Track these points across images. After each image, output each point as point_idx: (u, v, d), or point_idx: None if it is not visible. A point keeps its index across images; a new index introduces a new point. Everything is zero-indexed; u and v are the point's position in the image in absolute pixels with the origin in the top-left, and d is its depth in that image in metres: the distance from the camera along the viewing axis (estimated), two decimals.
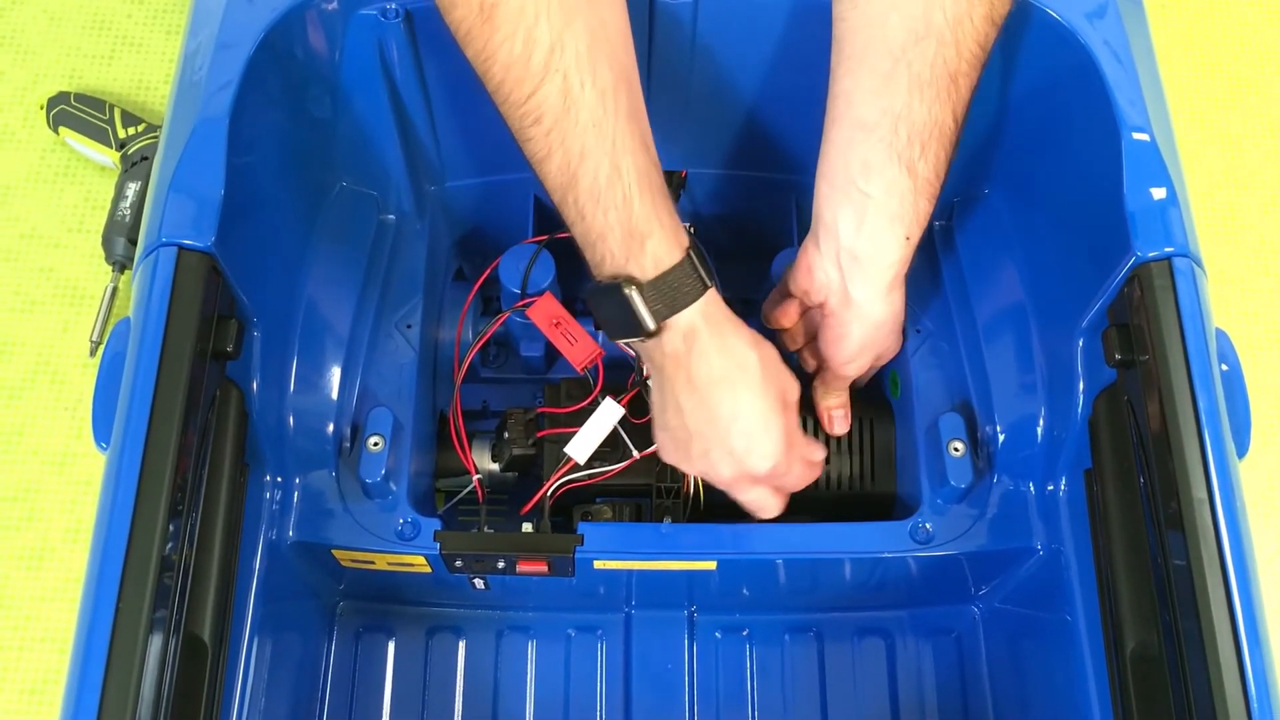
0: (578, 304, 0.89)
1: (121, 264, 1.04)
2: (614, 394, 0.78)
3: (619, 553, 0.74)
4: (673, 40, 0.76)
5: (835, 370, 0.75)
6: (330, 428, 0.74)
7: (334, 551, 0.74)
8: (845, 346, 0.73)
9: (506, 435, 0.80)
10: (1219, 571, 0.58)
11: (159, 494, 0.58)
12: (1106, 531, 0.68)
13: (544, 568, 0.74)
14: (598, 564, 0.74)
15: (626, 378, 0.80)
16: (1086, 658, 0.71)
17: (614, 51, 0.63)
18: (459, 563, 0.74)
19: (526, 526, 0.76)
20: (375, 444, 0.74)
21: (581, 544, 0.73)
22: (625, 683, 0.83)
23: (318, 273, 0.78)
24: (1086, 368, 0.71)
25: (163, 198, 0.64)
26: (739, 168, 0.88)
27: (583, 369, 0.80)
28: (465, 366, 0.83)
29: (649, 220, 0.63)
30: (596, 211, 0.63)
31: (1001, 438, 0.75)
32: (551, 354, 0.87)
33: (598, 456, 0.77)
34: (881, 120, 0.66)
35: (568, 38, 0.60)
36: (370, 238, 0.81)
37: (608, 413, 0.77)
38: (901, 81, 0.66)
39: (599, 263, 0.65)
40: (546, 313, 0.80)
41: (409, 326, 0.80)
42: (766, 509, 0.73)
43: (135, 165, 1.06)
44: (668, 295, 0.64)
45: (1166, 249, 0.64)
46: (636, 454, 0.77)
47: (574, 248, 0.83)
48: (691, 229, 0.69)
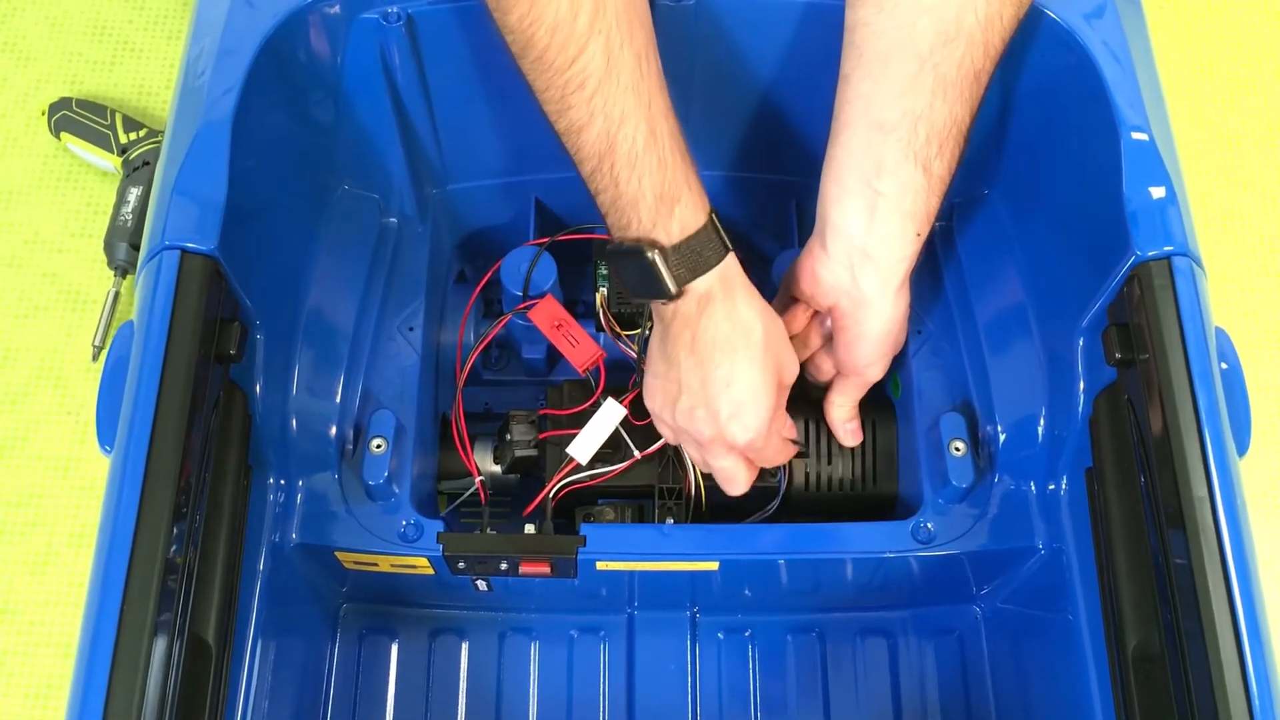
0: (579, 306, 0.89)
1: (124, 269, 1.04)
2: (615, 395, 0.78)
3: (621, 554, 0.74)
4: (672, 42, 0.76)
5: (859, 373, 0.75)
6: (333, 430, 0.74)
7: (337, 553, 0.74)
8: (863, 348, 0.72)
9: (509, 437, 0.80)
10: (1220, 570, 0.58)
11: (163, 497, 0.58)
12: (1107, 530, 0.68)
13: (547, 569, 0.75)
14: (600, 565, 0.74)
15: (628, 379, 0.80)
16: (1088, 657, 0.71)
17: (643, 13, 0.63)
18: (462, 564, 0.74)
19: (529, 528, 0.76)
20: (378, 446, 0.74)
21: (584, 545, 0.73)
22: (628, 683, 0.84)
23: (320, 276, 0.78)
24: (1087, 367, 0.71)
25: (166, 201, 0.65)
26: (738, 170, 0.88)
27: (584, 371, 0.80)
28: (467, 369, 0.83)
29: (679, 185, 0.64)
30: (631, 178, 0.63)
31: (1002, 437, 0.75)
32: (553, 356, 0.87)
33: (600, 458, 0.78)
34: (902, 121, 0.66)
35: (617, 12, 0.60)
36: (372, 241, 0.81)
37: (610, 413, 0.77)
38: (927, 82, 0.65)
39: (624, 226, 0.65)
40: (548, 315, 0.81)
41: (411, 329, 0.80)
42: (735, 481, 0.73)
43: (137, 170, 1.06)
44: (690, 260, 0.65)
45: (1166, 248, 0.64)
46: (638, 454, 0.78)
47: (575, 250, 0.84)
48: None
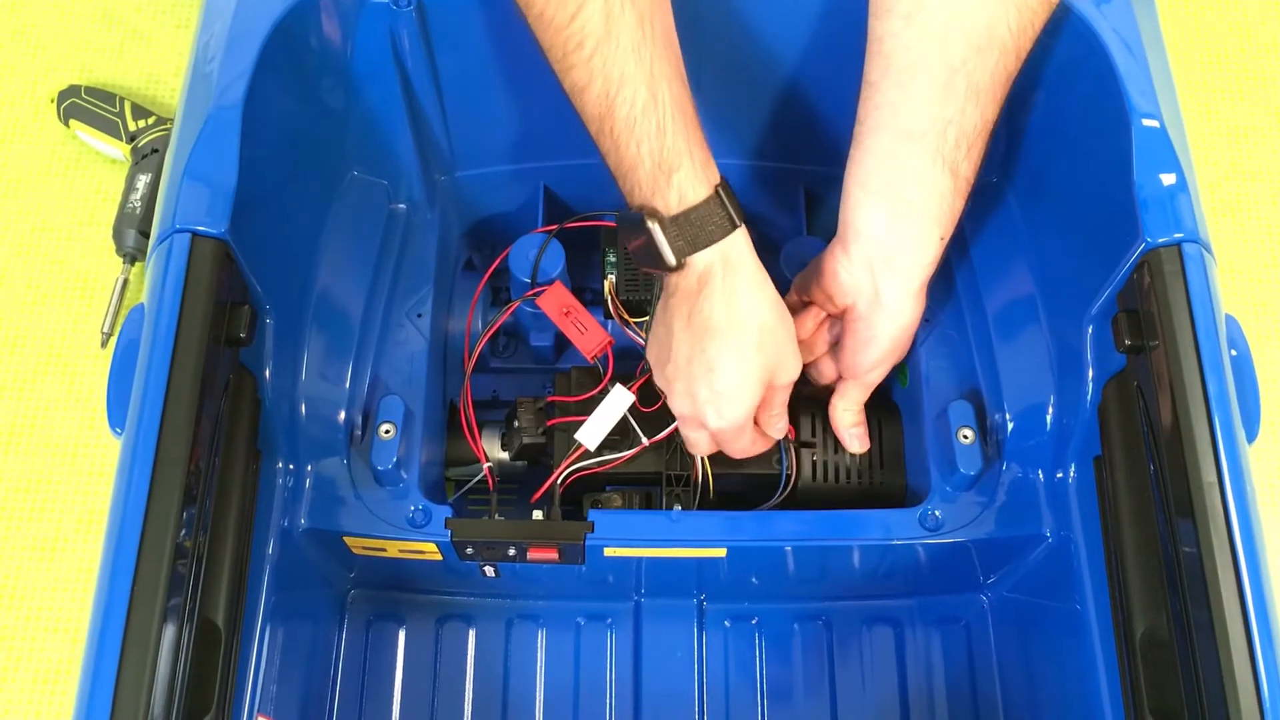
0: (587, 293, 0.89)
1: (132, 256, 1.04)
2: (624, 382, 0.78)
3: (629, 540, 0.74)
4: (681, 30, 0.76)
5: (860, 377, 0.74)
6: (342, 415, 0.74)
7: (345, 539, 0.75)
8: (872, 351, 0.72)
9: (517, 424, 0.80)
10: (1229, 557, 0.58)
11: (174, 479, 0.58)
12: (1116, 518, 0.68)
13: (554, 555, 0.75)
14: (608, 551, 0.74)
15: (636, 366, 0.80)
16: (1096, 645, 0.71)
17: None
18: (470, 550, 0.74)
19: (537, 514, 0.76)
20: (386, 432, 0.74)
21: (592, 531, 0.73)
22: (635, 670, 0.84)
23: (329, 261, 0.78)
24: (1096, 354, 0.71)
25: (177, 185, 0.65)
26: (747, 158, 0.88)
27: (593, 358, 0.80)
28: (475, 355, 0.83)
29: (679, 154, 0.63)
30: (630, 142, 0.63)
31: (1011, 425, 0.75)
32: (561, 343, 0.87)
33: (608, 444, 0.78)
34: (931, 128, 0.66)
35: None
36: (381, 227, 0.81)
37: (618, 399, 0.77)
38: (959, 89, 0.65)
39: (629, 193, 0.65)
40: (556, 302, 0.81)
41: (419, 315, 0.80)
42: (697, 448, 0.74)
43: (145, 158, 1.06)
44: (689, 232, 0.64)
45: (1176, 235, 0.64)
46: (646, 441, 0.78)
47: (584, 237, 0.84)
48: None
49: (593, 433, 0.77)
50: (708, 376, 0.67)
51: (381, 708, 0.82)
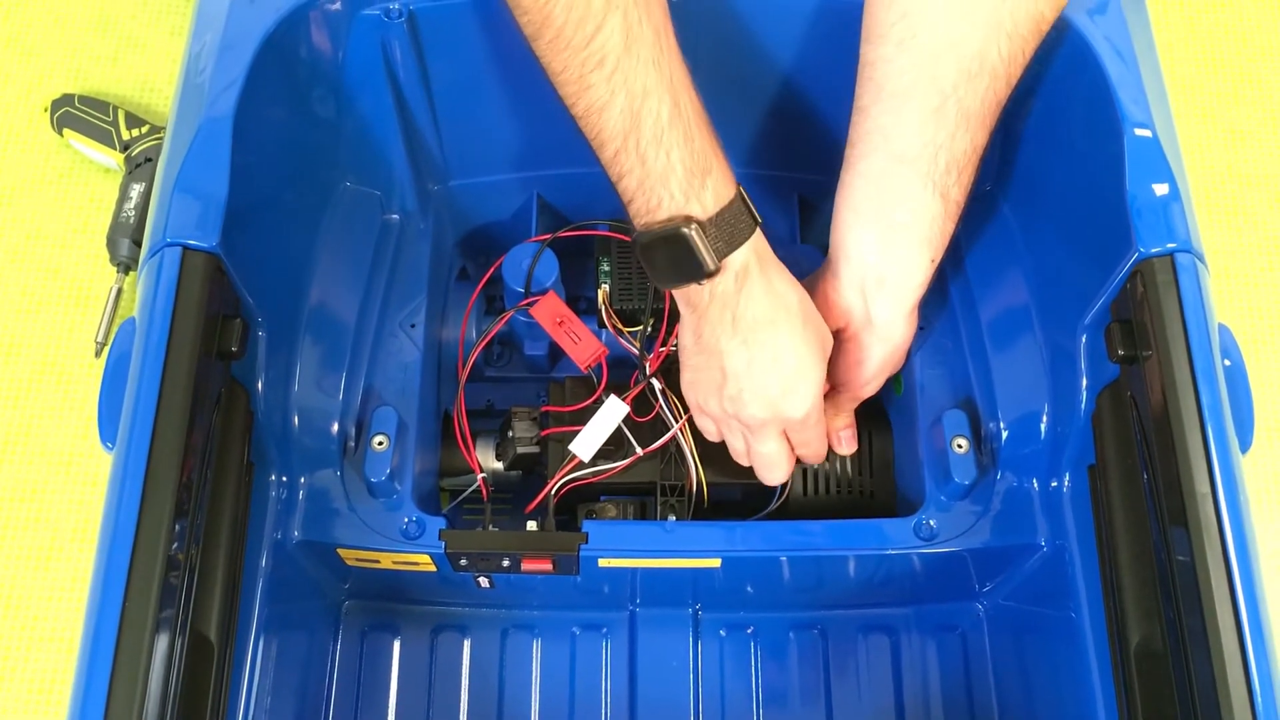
0: (581, 303, 0.89)
1: (126, 265, 1.04)
2: (618, 392, 0.78)
3: (624, 550, 0.74)
4: (679, 38, 0.76)
5: (854, 392, 0.75)
6: (335, 427, 0.74)
7: (339, 550, 0.74)
8: (865, 369, 0.73)
9: (511, 434, 0.80)
10: (1222, 566, 0.58)
11: (165, 493, 0.58)
12: (1110, 527, 0.68)
13: (549, 566, 0.75)
14: (602, 562, 0.74)
15: (630, 375, 0.80)
16: (1091, 654, 0.71)
17: None
18: (464, 561, 0.74)
19: (531, 525, 0.76)
20: (380, 443, 0.74)
21: (586, 542, 0.73)
22: (630, 681, 0.84)
23: (322, 273, 0.78)
24: (1089, 364, 0.71)
25: (167, 198, 0.65)
26: (741, 165, 0.88)
27: (587, 368, 0.80)
28: (469, 365, 0.83)
29: (708, 156, 0.63)
30: (659, 153, 0.62)
31: (1005, 434, 0.75)
32: (555, 353, 0.87)
33: (602, 454, 0.77)
34: (923, 152, 0.66)
35: None
36: (374, 237, 0.81)
37: (612, 410, 0.77)
38: (950, 114, 0.66)
39: (654, 208, 0.63)
40: (550, 311, 0.80)
41: (413, 326, 0.80)
42: (777, 468, 0.73)
43: (139, 167, 1.06)
44: (726, 232, 0.64)
45: (1169, 244, 0.64)
46: (640, 451, 0.78)
47: (577, 246, 0.84)
48: None
49: (587, 444, 0.77)
50: (775, 367, 0.67)
51: (377, 719, 0.82)
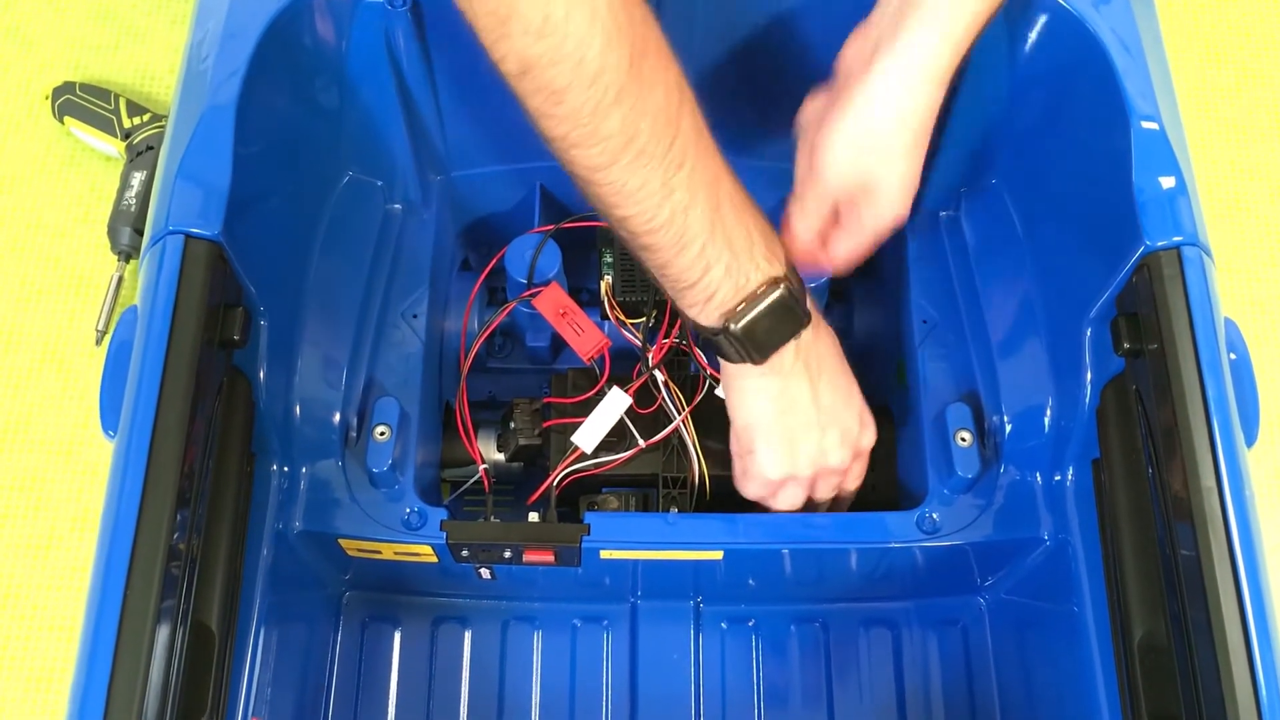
0: (584, 294, 0.89)
1: (127, 254, 1.04)
2: (620, 384, 0.78)
3: (625, 542, 0.73)
4: (677, 29, 0.76)
5: (816, 165, 0.67)
6: (337, 417, 0.74)
7: (340, 541, 0.74)
8: (835, 128, 0.66)
9: (513, 425, 0.80)
10: (1227, 561, 0.58)
11: (166, 483, 0.58)
12: (1114, 522, 0.68)
13: (550, 557, 0.74)
14: (604, 554, 0.74)
15: (632, 367, 0.80)
16: (1094, 648, 0.71)
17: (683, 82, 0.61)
18: (465, 552, 0.74)
19: (533, 516, 0.76)
20: (382, 434, 0.74)
21: (588, 534, 0.73)
22: (631, 673, 0.83)
23: (324, 262, 0.78)
24: (1094, 358, 0.71)
25: (170, 186, 0.65)
26: (743, 157, 0.87)
27: (589, 359, 0.80)
28: (471, 356, 0.83)
29: (761, 212, 0.64)
30: (741, 230, 0.62)
31: (1009, 428, 0.75)
32: (558, 344, 0.86)
33: (604, 446, 0.77)
34: None
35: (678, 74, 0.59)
36: (376, 227, 0.81)
37: (615, 402, 0.77)
38: None
39: (742, 286, 0.62)
40: (553, 303, 0.80)
41: (415, 316, 0.80)
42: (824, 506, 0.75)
43: (140, 155, 1.06)
44: (799, 280, 0.65)
45: (1175, 238, 0.64)
46: (643, 443, 0.77)
47: (580, 237, 0.84)
48: None
49: (590, 436, 0.77)
50: (851, 400, 0.71)
51: (377, 710, 0.82)
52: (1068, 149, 0.74)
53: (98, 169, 1.10)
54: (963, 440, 0.75)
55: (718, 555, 0.75)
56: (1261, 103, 1.17)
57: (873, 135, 0.66)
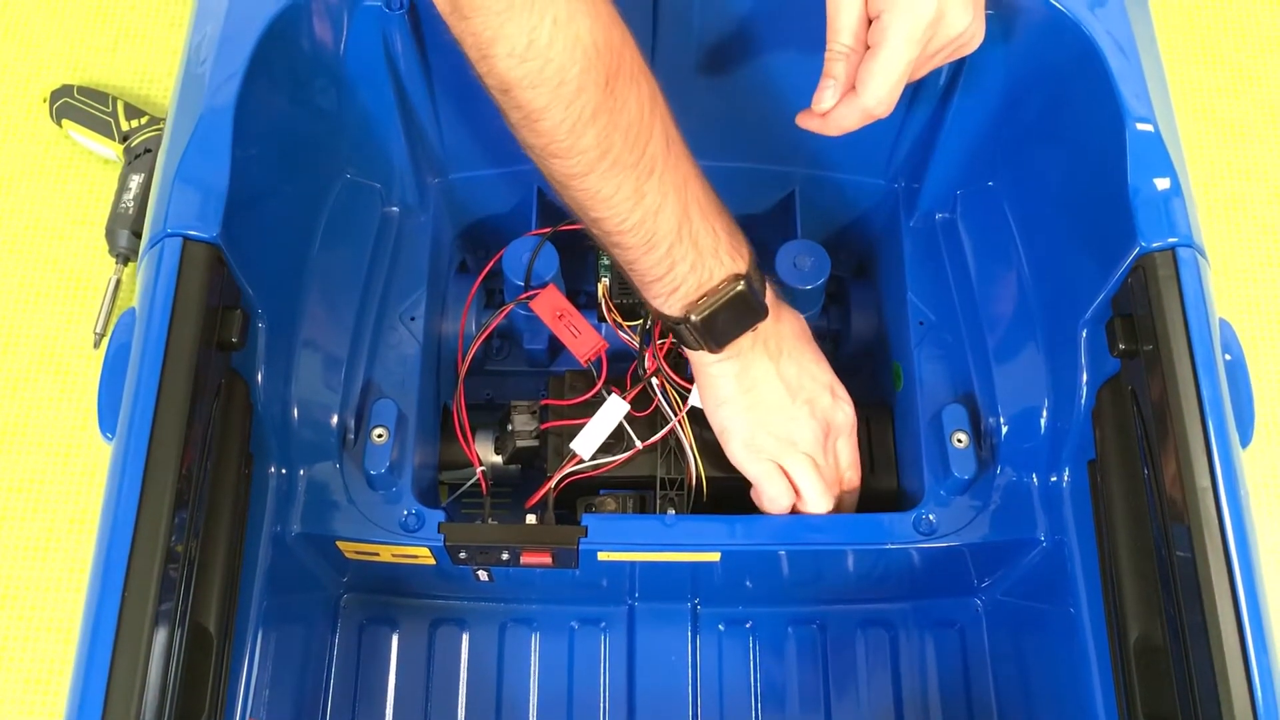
0: (581, 296, 0.89)
1: (125, 256, 1.04)
2: (616, 385, 0.78)
3: (623, 544, 0.74)
4: (675, 32, 0.76)
5: (901, 31, 0.61)
6: (334, 419, 0.74)
7: (338, 543, 0.74)
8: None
9: (510, 428, 0.80)
10: (1223, 562, 0.58)
11: (164, 485, 0.58)
12: (1110, 522, 0.68)
13: (548, 559, 0.75)
14: (601, 556, 0.74)
15: (629, 369, 0.80)
16: (1090, 649, 0.71)
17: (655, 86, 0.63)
18: (463, 555, 0.74)
19: (530, 518, 0.76)
20: (379, 436, 0.74)
21: (585, 536, 0.73)
22: (629, 675, 0.84)
23: (322, 265, 0.78)
24: (1090, 359, 0.71)
25: (168, 188, 0.65)
26: (738, 160, 0.88)
27: (586, 361, 0.80)
28: (469, 359, 0.83)
29: (726, 211, 0.67)
30: (708, 230, 0.65)
31: (1005, 429, 0.75)
32: (555, 346, 0.87)
33: (602, 448, 0.77)
34: None
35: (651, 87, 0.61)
36: (374, 230, 0.81)
37: (613, 409, 0.77)
38: None
39: (705, 282, 0.65)
40: (550, 305, 0.80)
41: (413, 319, 0.80)
42: (819, 500, 0.74)
43: (138, 158, 1.06)
44: (759, 275, 0.68)
45: (1170, 239, 0.64)
46: (640, 445, 0.77)
47: (577, 240, 0.84)
48: None
49: (588, 442, 0.77)
50: (823, 377, 0.73)
51: (375, 712, 0.82)
52: (1063, 151, 0.74)
53: (96, 171, 1.10)
54: (959, 441, 0.75)
55: (715, 557, 0.75)
56: (1257, 103, 1.17)
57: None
